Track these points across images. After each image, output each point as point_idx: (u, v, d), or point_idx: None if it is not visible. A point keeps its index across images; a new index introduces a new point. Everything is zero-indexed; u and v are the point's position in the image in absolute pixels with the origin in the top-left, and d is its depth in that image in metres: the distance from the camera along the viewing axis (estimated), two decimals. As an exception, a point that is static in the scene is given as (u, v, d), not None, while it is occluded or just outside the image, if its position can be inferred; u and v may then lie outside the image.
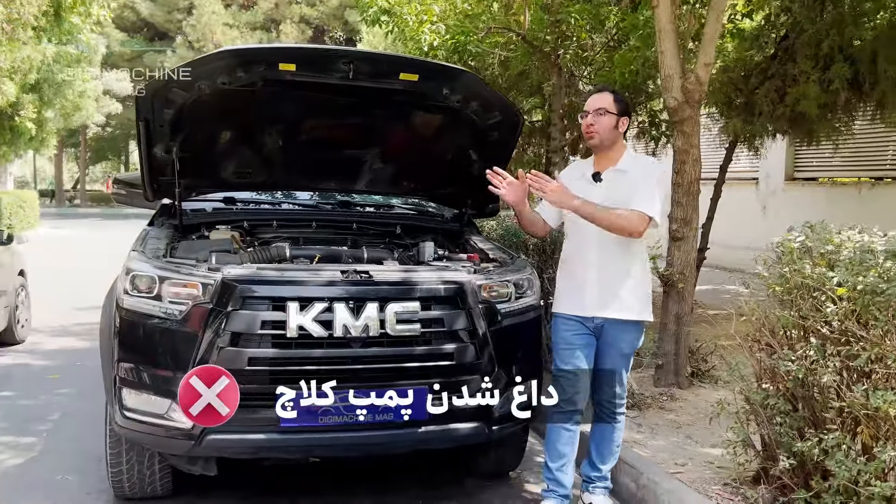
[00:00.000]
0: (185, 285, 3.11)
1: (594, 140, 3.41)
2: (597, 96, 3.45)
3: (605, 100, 3.40)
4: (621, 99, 3.46)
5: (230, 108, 3.62)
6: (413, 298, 3.19)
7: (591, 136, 3.42)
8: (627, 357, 3.48)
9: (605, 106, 3.37)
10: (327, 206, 4.41)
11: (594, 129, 3.38)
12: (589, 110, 3.40)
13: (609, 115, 3.37)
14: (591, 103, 3.42)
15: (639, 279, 3.43)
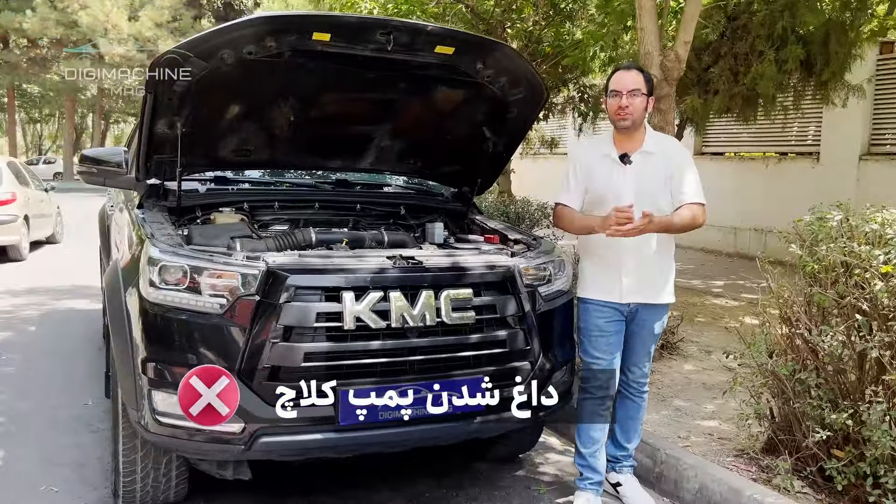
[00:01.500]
0: (223, 276, 2.83)
1: (626, 122, 3.28)
2: (627, 76, 3.29)
3: (638, 80, 3.27)
4: (649, 77, 3.39)
5: (242, 81, 3.32)
6: (466, 284, 3.06)
7: (623, 118, 3.27)
8: (657, 337, 3.49)
9: (639, 87, 3.25)
10: (327, 186, 4.16)
11: (629, 111, 3.25)
12: (621, 91, 3.26)
13: (642, 97, 3.28)
14: (623, 83, 3.27)
15: (670, 262, 3.45)
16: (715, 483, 3.53)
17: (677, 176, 3.28)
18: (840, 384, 3.37)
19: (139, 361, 2.86)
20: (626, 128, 3.30)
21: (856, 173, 9.79)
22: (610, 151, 3.38)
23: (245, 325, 2.78)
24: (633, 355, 3.47)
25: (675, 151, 3.38)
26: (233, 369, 2.76)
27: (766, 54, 5.82)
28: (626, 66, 3.41)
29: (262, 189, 4.02)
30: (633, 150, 3.34)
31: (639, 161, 3.33)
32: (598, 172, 3.38)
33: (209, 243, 3.19)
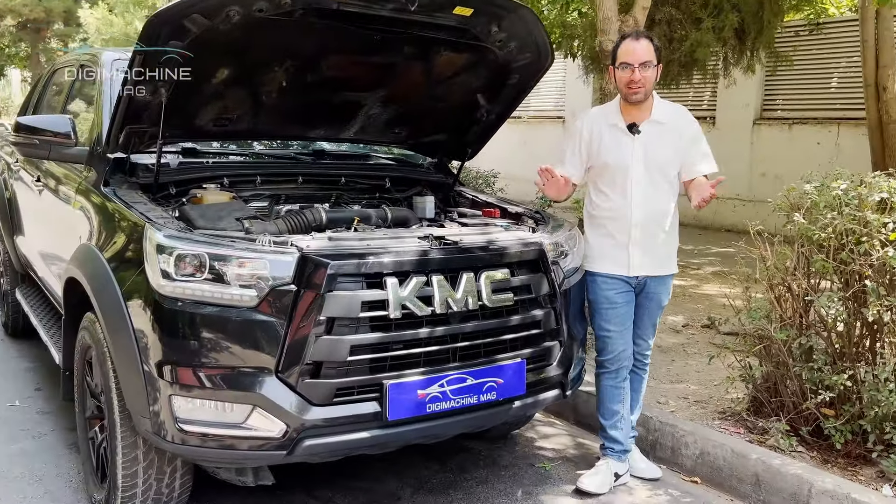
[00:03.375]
0: (250, 263, 2.52)
1: (639, 95, 3.16)
2: (638, 46, 3.14)
3: (650, 50, 3.14)
4: (658, 45, 3.25)
5: (239, 43, 2.95)
6: (503, 265, 2.90)
7: (636, 91, 3.15)
8: (663, 308, 3.47)
9: (651, 59, 3.13)
10: (307, 158, 3.83)
11: (641, 84, 3.13)
12: (632, 63, 3.11)
13: (653, 69, 3.15)
14: (635, 55, 3.12)
15: (675, 233, 3.41)
16: (717, 448, 3.59)
17: (692, 150, 3.25)
18: (839, 347, 3.50)
19: (153, 364, 2.52)
20: (639, 101, 3.21)
21: (750, 137, 10.30)
22: (617, 121, 3.28)
23: (282, 318, 2.49)
24: (640, 328, 3.44)
25: (686, 123, 3.30)
26: (271, 367, 2.48)
27: (706, 22, 5.93)
28: (634, 34, 3.26)
29: (241, 162, 3.64)
30: (641, 120, 3.24)
31: (648, 131, 3.24)
32: (606, 142, 3.28)
33: (215, 226, 2.84)
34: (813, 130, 9.52)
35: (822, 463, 3.43)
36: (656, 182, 3.25)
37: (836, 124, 9.30)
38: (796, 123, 9.75)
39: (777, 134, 10.06)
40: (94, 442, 3.10)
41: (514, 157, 11.11)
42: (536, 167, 3.25)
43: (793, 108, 10.01)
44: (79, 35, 21.53)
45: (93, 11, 16.07)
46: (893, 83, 7.94)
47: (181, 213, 2.97)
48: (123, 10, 15.42)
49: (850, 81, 9.34)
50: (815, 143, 9.46)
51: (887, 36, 7.90)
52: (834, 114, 9.45)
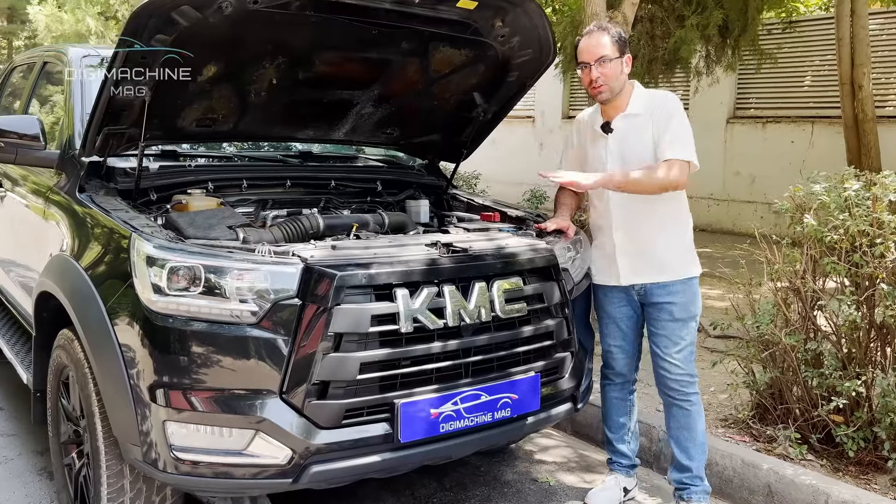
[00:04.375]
0: (249, 276, 2.32)
1: (603, 95, 2.91)
2: (590, 42, 2.90)
3: (603, 43, 2.87)
4: (618, 34, 2.93)
5: (229, 36, 2.74)
6: (515, 272, 2.74)
7: (598, 91, 2.91)
8: (683, 323, 2.99)
9: (605, 53, 2.86)
10: (294, 160, 3.63)
11: (600, 82, 2.88)
12: (588, 61, 2.88)
13: (613, 62, 2.87)
14: (587, 52, 2.89)
15: (675, 232, 3.04)
16: (726, 459, 3.48)
17: (659, 132, 2.89)
18: (850, 352, 3.41)
19: (144, 387, 2.30)
20: (607, 100, 2.96)
21: (723, 135, 10.32)
22: (597, 120, 3.09)
23: (286, 335, 2.30)
24: (656, 345, 3.05)
25: (659, 107, 2.93)
26: (275, 389, 2.28)
27: (690, 18, 5.85)
28: (587, 30, 3.01)
29: (225, 165, 3.42)
30: (615, 116, 3.00)
31: (621, 127, 2.99)
32: (589, 146, 3.14)
33: (207, 235, 2.63)
34: (787, 129, 9.55)
35: (832, 472, 3.34)
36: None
37: (811, 123, 9.34)
38: (770, 122, 9.77)
39: (751, 132, 10.08)
40: (72, 469, 2.87)
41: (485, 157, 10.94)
42: (507, 168, 3.08)
43: (766, 107, 10.05)
44: (24, 33, 20.79)
45: (41, 8, 15.44)
46: (869, 81, 7.98)
47: (168, 221, 2.76)
48: (74, 7, 14.83)
49: (824, 80, 9.40)
50: (789, 141, 9.49)
51: (862, 34, 7.94)
52: (808, 112, 9.50)
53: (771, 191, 10.25)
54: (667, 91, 3.16)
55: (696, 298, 3.06)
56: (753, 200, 9.94)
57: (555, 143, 12.84)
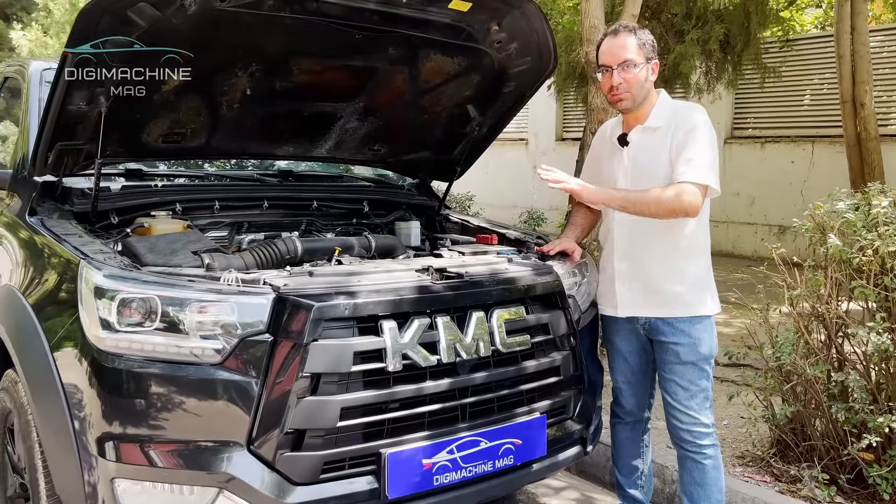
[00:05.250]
0: (213, 309, 2.02)
1: (624, 103, 2.60)
2: (613, 42, 2.59)
3: (629, 46, 2.55)
4: (647, 38, 2.62)
5: (195, 40, 2.46)
6: (517, 300, 2.45)
7: (619, 98, 2.59)
8: (693, 366, 2.62)
9: (630, 57, 2.54)
10: (272, 180, 3.34)
11: (623, 90, 2.56)
12: (610, 64, 2.56)
13: (640, 67, 2.55)
14: (610, 54, 2.57)
15: (685, 261, 2.65)
16: (747, 502, 3.17)
17: (678, 149, 2.54)
18: (878, 384, 3.12)
19: (91, 439, 1.99)
20: (627, 109, 2.65)
21: (721, 156, 10.07)
22: (615, 133, 2.78)
23: (255, 376, 2.00)
24: (666, 391, 2.69)
25: (682, 122, 2.58)
26: (242, 439, 1.97)
27: (690, 33, 5.63)
28: (612, 29, 2.72)
29: (196, 185, 3.13)
30: (634, 127, 2.70)
31: (638, 140, 2.68)
32: (605, 157, 2.85)
33: (168, 262, 2.33)
34: (787, 149, 9.33)
35: (864, 515, 3.03)
36: None
37: (811, 142, 9.13)
38: (769, 142, 9.56)
39: (749, 153, 9.86)
40: (19, 527, 2.53)
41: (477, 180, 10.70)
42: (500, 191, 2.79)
43: (764, 127, 9.84)
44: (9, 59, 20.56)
45: (25, 33, 15.18)
46: (871, 99, 7.77)
47: (125, 246, 2.45)
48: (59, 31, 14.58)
49: (824, 98, 9.21)
50: (789, 161, 9.27)
51: (863, 51, 7.74)
52: (808, 131, 9.28)
53: (771, 212, 10.11)
54: (696, 104, 2.82)
55: (709, 339, 2.67)
56: (753, 222, 9.69)
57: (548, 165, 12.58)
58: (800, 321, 3.32)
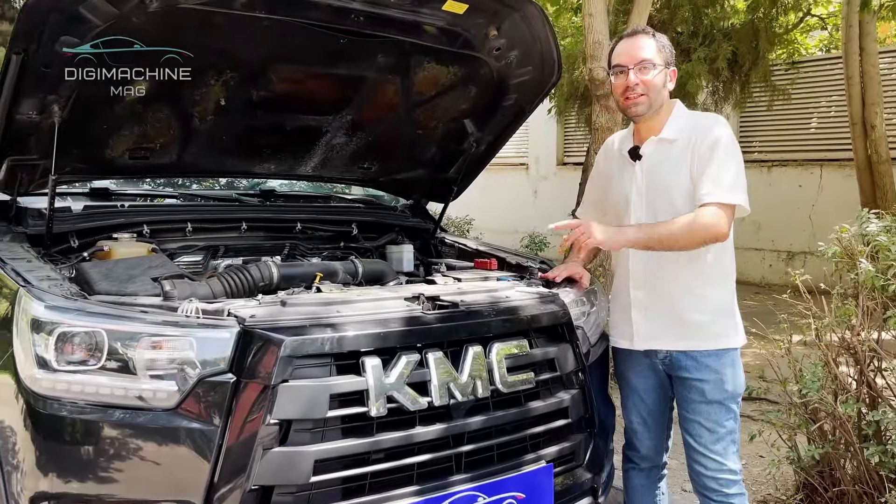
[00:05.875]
0: (169, 344, 1.75)
1: (640, 107, 2.35)
2: (631, 43, 2.38)
3: (649, 47, 2.35)
4: (664, 42, 2.42)
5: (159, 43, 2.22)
6: (519, 332, 2.17)
7: (634, 101, 2.36)
8: (719, 405, 2.36)
9: (651, 56, 2.33)
10: (253, 200, 3.08)
11: (639, 92, 2.33)
12: (626, 64, 2.34)
13: (658, 70, 2.33)
14: (629, 54, 2.35)
15: (710, 288, 2.41)
16: (775, 554, 2.86)
17: (700, 166, 2.30)
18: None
19: (25, 499, 1.70)
20: (641, 115, 2.39)
21: (727, 180, 9.86)
22: (626, 145, 2.52)
23: (215, 423, 1.71)
24: (688, 433, 2.42)
25: (702, 135, 2.33)
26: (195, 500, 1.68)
27: (697, 51, 5.41)
28: (630, 31, 2.50)
29: (167, 206, 2.86)
30: (647, 139, 2.44)
31: (652, 153, 2.42)
32: (615, 174, 2.58)
33: (123, 290, 2.05)
34: (794, 172, 9.10)
35: (903, 571, 2.72)
36: (661, 219, 2.37)
37: (819, 166, 8.90)
38: (776, 165, 9.33)
39: (755, 177, 9.62)
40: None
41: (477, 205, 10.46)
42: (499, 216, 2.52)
43: (771, 150, 9.61)
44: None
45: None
46: (882, 121, 7.55)
47: (78, 272, 2.18)
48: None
49: (832, 121, 8.99)
50: (796, 185, 9.04)
51: (873, 72, 7.55)
52: (816, 155, 9.06)
53: (779, 238, 9.85)
54: (716, 115, 2.56)
55: (736, 375, 2.40)
56: (760, 248, 9.44)
57: (549, 190, 12.38)
58: (828, 353, 3.04)
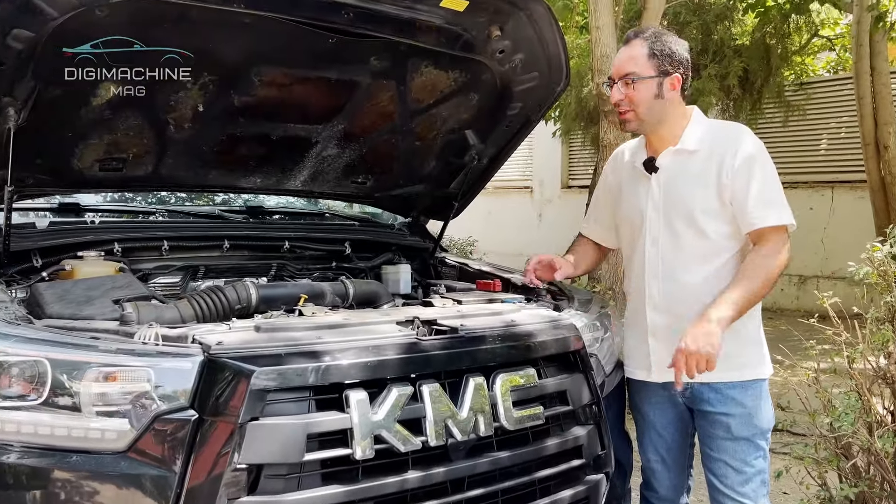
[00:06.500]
0: (122, 376, 1.51)
1: (630, 124, 2.16)
2: (623, 52, 2.17)
3: (633, 57, 2.11)
4: (662, 46, 2.12)
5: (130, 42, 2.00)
6: (527, 361, 1.92)
7: (623, 119, 2.18)
8: (747, 442, 2.13)
9: (633, 70, 2.10)
10: (237, 217, 2.85)
11: (623, 107, 2.13)
12: (613, 78, 2.16)
13: (643, 83, 2.09)
14: (616, 65, 2.17)
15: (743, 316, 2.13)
16: None
17: (739, 186, 2.08)
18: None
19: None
20: (635, 131, 2.21)
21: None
22: (638, 157, 2.28)
23: (171, 469, 1.46)
24: (713, 473, 2.18)
25: (729, 146, 2.10)
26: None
27: (707, 68, 5.21)
28: (627, 36, 2.26)
29: (142, 223, 2.64)
30: (663, 150, 2.20)
31: (670, 165, 2.17)
32: (626, 188, 2.33)
33: (78, 313, 1.82)
34: (804, 195, 8.86)
35: None
36: (682, 237, 2.16)
37: (830, 187, 8.67)
38: (785, 187, 8.96)
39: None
40: None
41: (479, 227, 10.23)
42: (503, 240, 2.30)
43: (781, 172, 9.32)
44: None
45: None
46: (895, 141, 7.34)
47: (32, 293, 1.95)
48: None
49: (843, 141, 8.78)
50: (807, 208, 8.78)
51: (885, 92, 7.34)
52: (827, 176, 8.83)
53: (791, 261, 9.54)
54: (738, 124, 2.32)
55: (765, 408, 2.17)
56: (772, 272, 9.19)
57: (554, 213, 12.15)
58: (862, 383, 2.79)
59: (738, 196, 2.08)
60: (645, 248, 2.21)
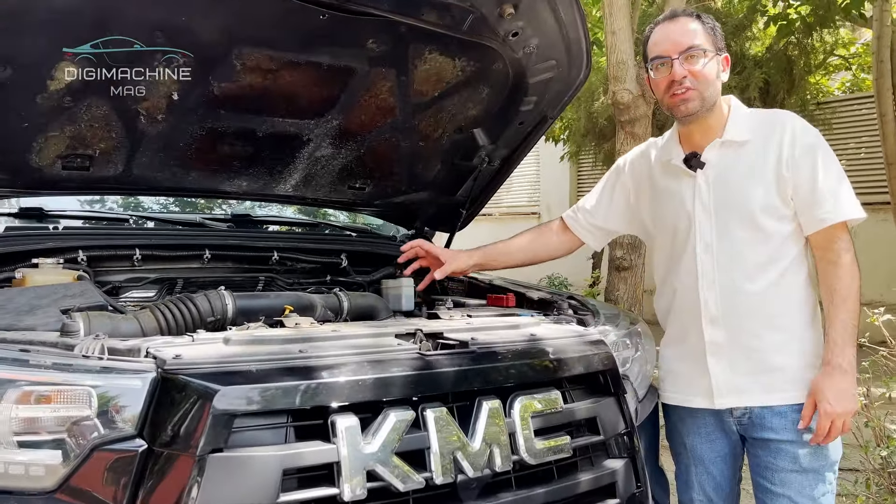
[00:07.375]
0: (58, 397, 1.22)
1: (692, 104, 1.86)
2: (672, 27, 1.90)
3: (693, 31, 1.87)
4: (712, 24, 1.93)
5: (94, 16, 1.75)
6: (549, 382, 1.62)
7: (682, 99, 1.86)
8: (816, 475, 1.85)
9: (702, 42, 1.85)
10: (220, 224, 2.58)
11: (688, 85, 1.84)
12: (669, 54, 1.86)
13: (710, 57, 1.85)
14: (669, 40, 1.88)
15: (807, 326, 1.89)
16: None
17: (803, 175, 1.83)
18: None
19: None
20: (691, 114, 1.88)
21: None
22: (673, 154, 1.99)
23: (110, 513, 1.16)
24: None
25: (783, 135, 1.86)
26: None
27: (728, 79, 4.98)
28: (669, 13, 2.00)
29: (109, 229, 2.36)
30: (708, 144, 1.93)
31: (717, 160, 1.91)
32: (661, 190, 2.03)
33: (17, 324, 1.53)
34: (823, 218, 8.59)
35: None
36: (739, 240, 1.90)
37: (851, 209, 8.39)
38: (804, 211, 8.80)
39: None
40: None
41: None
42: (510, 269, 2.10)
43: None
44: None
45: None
46: (920, 161, 7.06)
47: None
48: None
49: (863, 163, 8.50)
50: (827, 231, 8.51)
51: (906, 109, 7.08)
52: (847, 198, 8.56)
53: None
54: (784, 110, 2.05)
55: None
56: (790, 297, 8.88)
57: (562, 239, 11.90)
58: None
59: (802, 190, 1.81)
60: (696, 256, 1.92)
